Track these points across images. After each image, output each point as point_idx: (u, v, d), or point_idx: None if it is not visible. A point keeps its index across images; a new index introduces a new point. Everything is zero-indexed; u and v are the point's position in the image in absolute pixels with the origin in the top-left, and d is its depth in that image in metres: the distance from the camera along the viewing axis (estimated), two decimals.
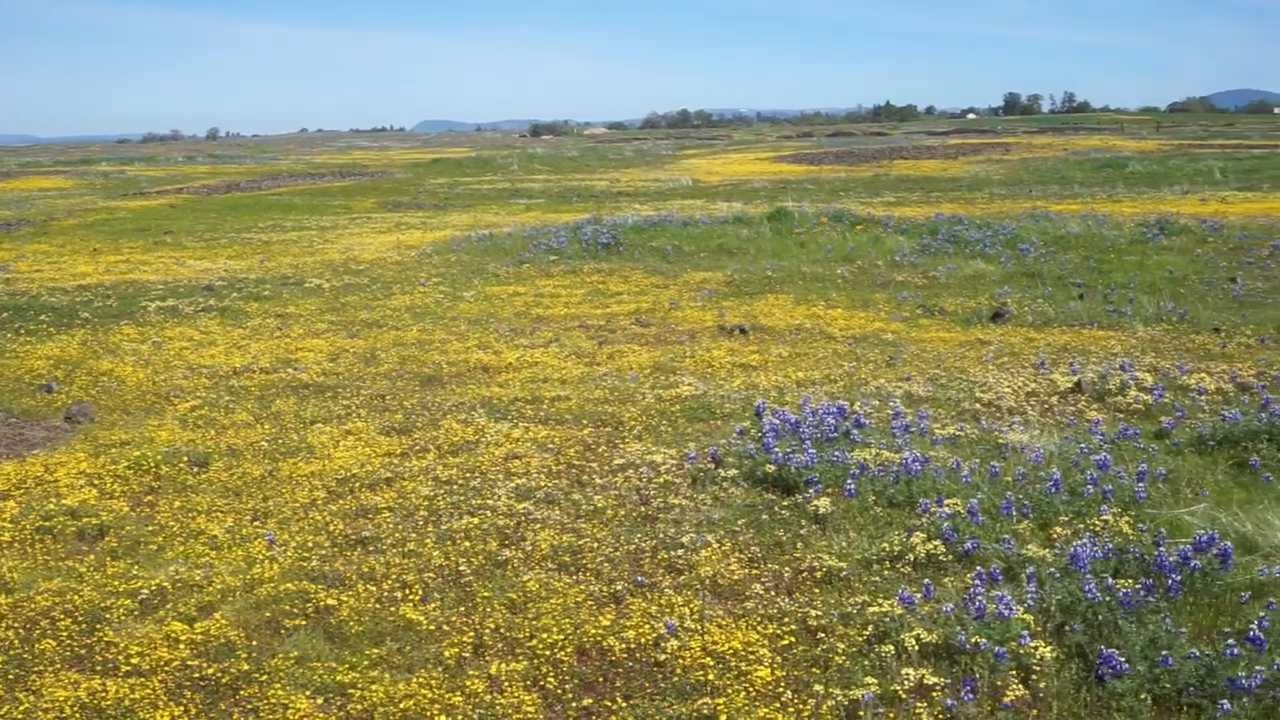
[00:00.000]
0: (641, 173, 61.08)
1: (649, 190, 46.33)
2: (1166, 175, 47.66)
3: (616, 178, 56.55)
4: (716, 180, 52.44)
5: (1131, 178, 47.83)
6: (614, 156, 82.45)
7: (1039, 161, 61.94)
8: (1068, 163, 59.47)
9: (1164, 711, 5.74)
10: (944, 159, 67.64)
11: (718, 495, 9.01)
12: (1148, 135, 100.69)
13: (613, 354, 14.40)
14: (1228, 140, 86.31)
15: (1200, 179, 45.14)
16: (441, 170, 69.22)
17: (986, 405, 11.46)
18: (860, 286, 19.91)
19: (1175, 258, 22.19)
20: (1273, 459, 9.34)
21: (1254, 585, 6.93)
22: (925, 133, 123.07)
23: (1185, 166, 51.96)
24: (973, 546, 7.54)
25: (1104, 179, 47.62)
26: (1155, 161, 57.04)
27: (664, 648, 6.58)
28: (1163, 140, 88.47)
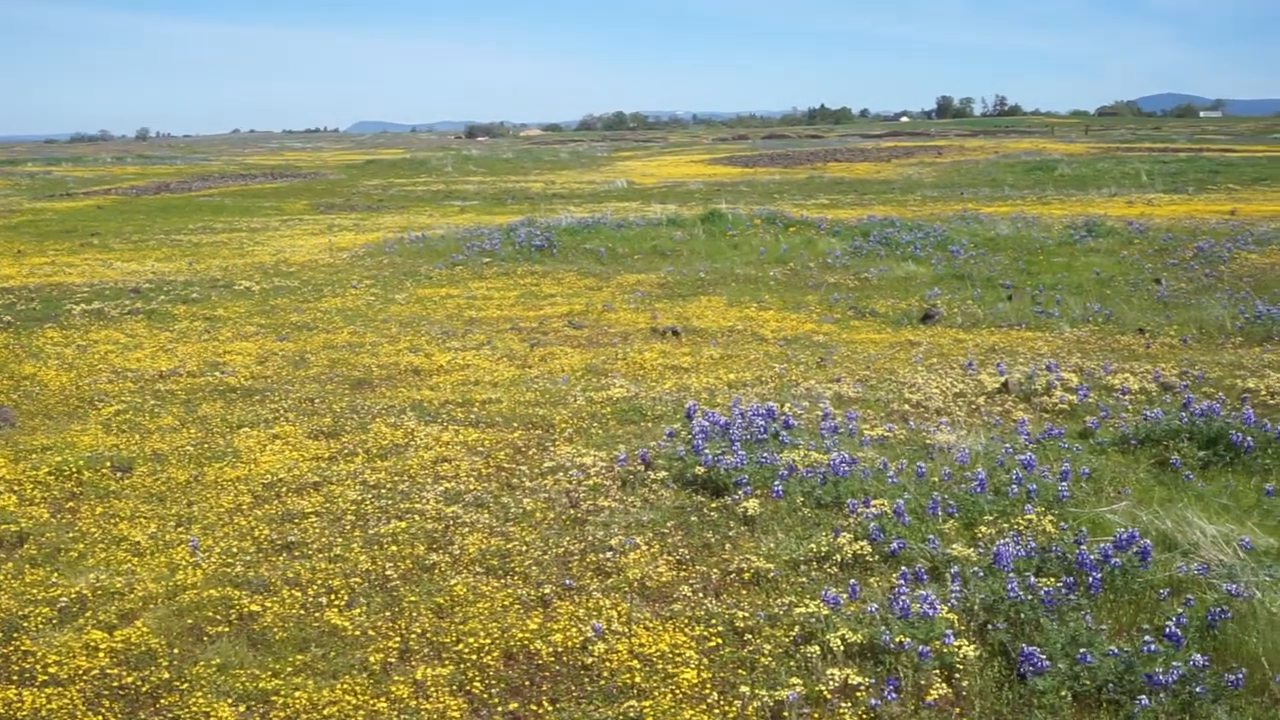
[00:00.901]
0: (577, 174, 61.07)
1: (584, 192, 46.31)
2: (1095, 178, 48.35)
3: (552, 179, 56.49)
4: (652, 182, 52.52)
5: (1061, 180, 48.47)
6: (549, 158, 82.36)
7: (971, 164, 62.58)
8: (999, 165, 60.14)
9: (1084, 708, 5.81)
10: (877, 161, 68.16)
11: (647, 497, 9.01)
12: (1077, 138, 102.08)
13: (545, 356, 14.37)
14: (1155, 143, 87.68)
15: (1128, 181, 45.85)
16: (375, 172, 68.79)
17: (915, 406, 11.55)
18: (793, 288, 20.01)
19: (1102, 259, 22.50)
20: (1193, 457, 9.49)
21: (1173, 582, 7.03)
22: (859, 135, 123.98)
23: (1113, 169, 52.73)
24: (899, 546, 7.59)
25: (1034, 181, 48.23)
26: (1084, 164, 57.80)
27: (591, 651, 6.57)
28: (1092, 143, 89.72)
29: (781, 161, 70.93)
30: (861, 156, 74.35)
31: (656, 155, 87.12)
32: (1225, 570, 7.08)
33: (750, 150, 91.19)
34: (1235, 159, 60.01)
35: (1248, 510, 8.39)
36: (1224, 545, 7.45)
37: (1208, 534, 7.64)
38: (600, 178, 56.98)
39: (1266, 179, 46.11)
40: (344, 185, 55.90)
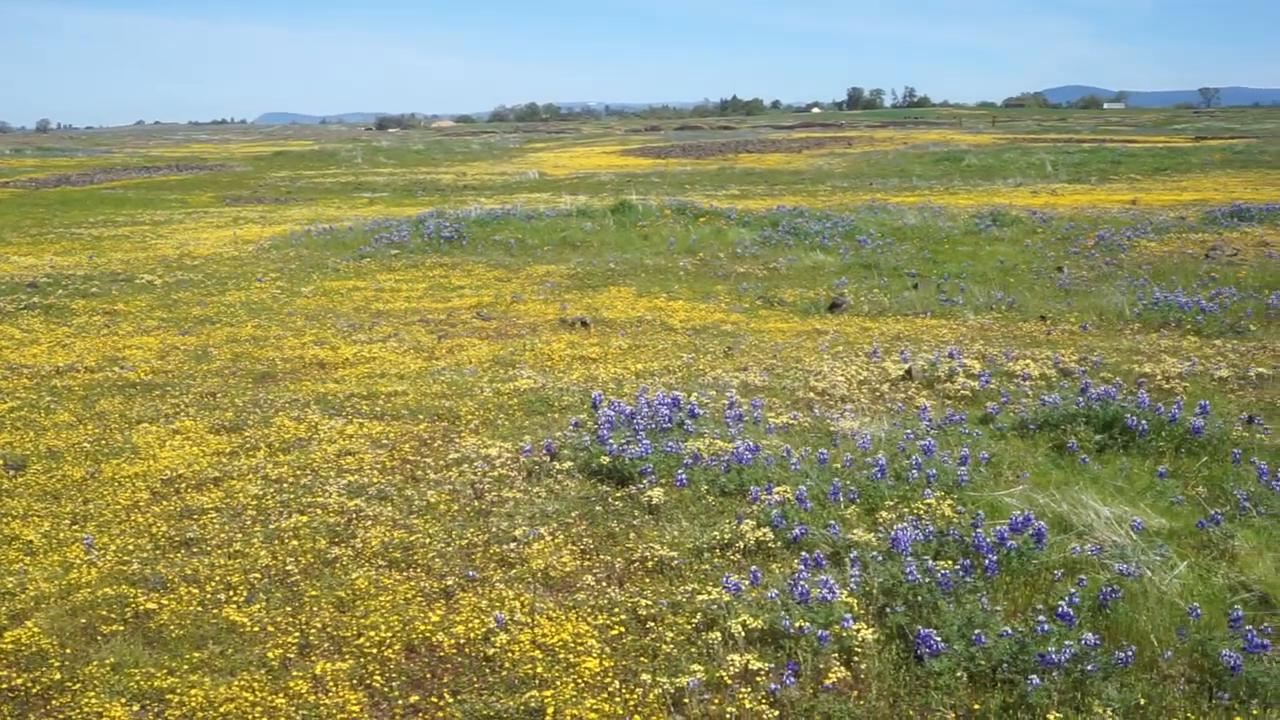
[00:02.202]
0: (488, 166, 60.77)
1: (495, 184, 46.10)
2: (1001, 168, 49.04)
3: (463, 171, 56.15)
4: (564, 173, 52.41)
5: (968, 171, 49.13)
6: (461, 150, 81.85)
7: (880, 155, 63.23)
8: (907, 156, 60.81)
9: (979, 688, 5.89)
10: (788, 152, 68.61)
11: (552, 488, 8.99)
12: (984, 129, 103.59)
13: (452, 348, 14.28)
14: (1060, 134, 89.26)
15: (1033, 172, 46.55)
16: (283, 164, 67.89)
17: (820, 394, 11.64)
18: (702, 278, 20.08)
19: (1006, 248, 22.85)
20: (1089, 441, 9.67)
21: (1067, 563, 7.16)
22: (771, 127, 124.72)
23: (1019, 160, 53.55)
24: (801, 533, 7.65)
25: (942, 172, 48.84)
26: (991, 155, 58.66)
27: (493, 642, 6.54)
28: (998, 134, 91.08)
29: (694, 153, 71.12)
30: (773, 147, 74.78)
31: (569, 147, 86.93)
32: (1118, 551, 7.22)
33: (663, 141, 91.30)
34: (1137, 150, 61.21)
35: (1141, 492, 8.56)
36: (1117, 526, 7.60)
37: (1102, 516, 7.78)
38: (512, 169, 56.75)
39: (1166, 169, 47.09)
40: (251, 177, 55.13)
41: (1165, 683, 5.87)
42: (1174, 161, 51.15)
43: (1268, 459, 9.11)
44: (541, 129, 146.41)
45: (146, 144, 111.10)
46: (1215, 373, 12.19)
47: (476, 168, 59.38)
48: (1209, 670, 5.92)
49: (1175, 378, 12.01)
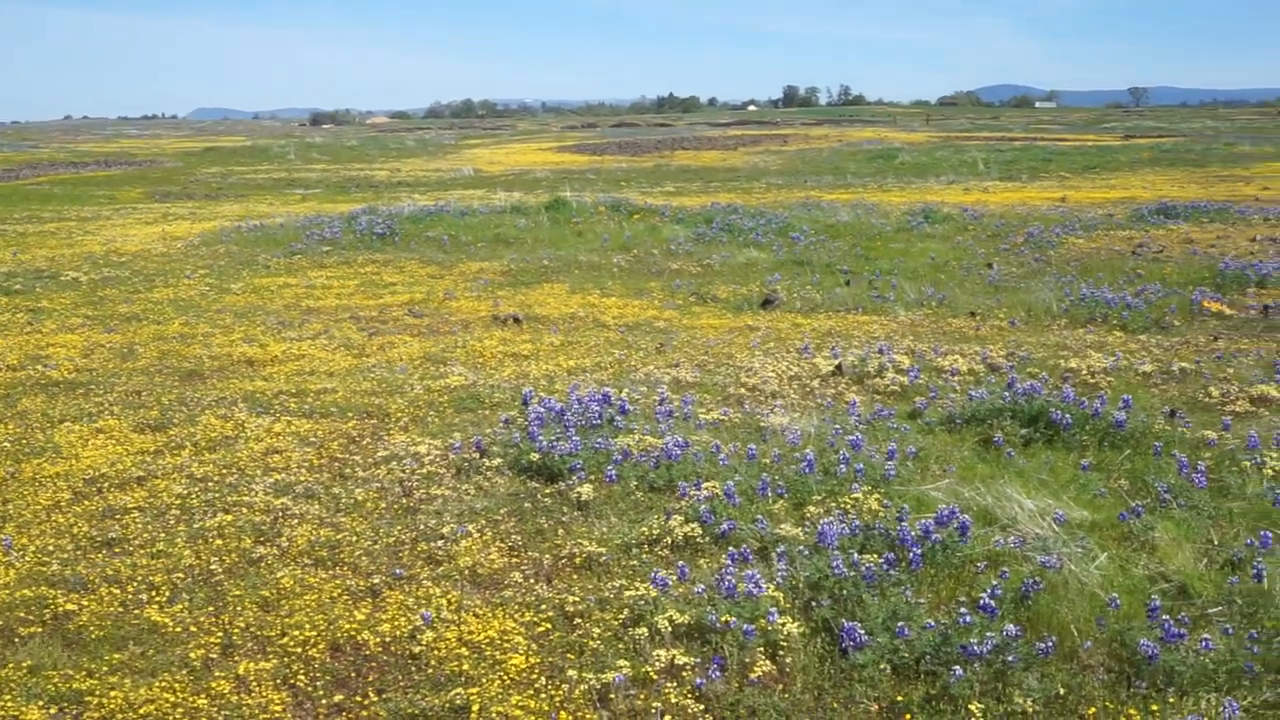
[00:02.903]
0: (423, 162, 60.47)
1: (430, 180, 45.87)
2: (934, 166, 49.56)
3: (397, 167, 55.83)
4: (499, 170, 52.28)
5: (901, 168, 49.60)
6: (395, 146, 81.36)
7: (815, 152, 63.63)
8: (842, 154, 61.26)
9: (903, 680, 5.94)
10: (724, 150, 68.86)
11: (481, 485, 8.95)
12: (918, 128, 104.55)
13: (383, 345, 14.18)
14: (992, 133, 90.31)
15: (965, 170, 47.09)
16: (215, 159, 67.18)
17: (751, 389, 11.68)
18: (636, 275, 20.09)
19: (938, 245, 23.10)
20: (1015, 435, 9.77)
21: (990, 556, 7.23)
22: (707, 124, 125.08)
23: (951, 158, 54.12)
24: (729, 528, 7.67)
25: (876, 169, 49.26)
26: (924, 153, 59.22)
27: (420, 639, 6.50)
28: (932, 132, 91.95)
29: (630, 149, 71.20)
30: (709, 144, 75.03)
31: (505, 143, 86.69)
32: (1040, 543, 7.31)
33: (599, 138, 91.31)
34: (1067, 148, 62.09)
35: (1065, 485, 8.67)
36: (1040, 519, 7.69)
37: (1026, 508, 7.87)
38: (447, 165, 56.51)
39: (1095, 167, 47.81)
40: (182, 173, 54.50)
41: (1085, 672, 5.95)
42: (1103, 160, 51.94)
43: (1188, 452, 9.27)
44: (478, 125, 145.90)
45: (74, 139, 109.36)
46: (1139, 367, 12.37)
47: (411, 164, 59.06)
48: (1127, 659, 6.00)
49: (1100, 372, 12.18)
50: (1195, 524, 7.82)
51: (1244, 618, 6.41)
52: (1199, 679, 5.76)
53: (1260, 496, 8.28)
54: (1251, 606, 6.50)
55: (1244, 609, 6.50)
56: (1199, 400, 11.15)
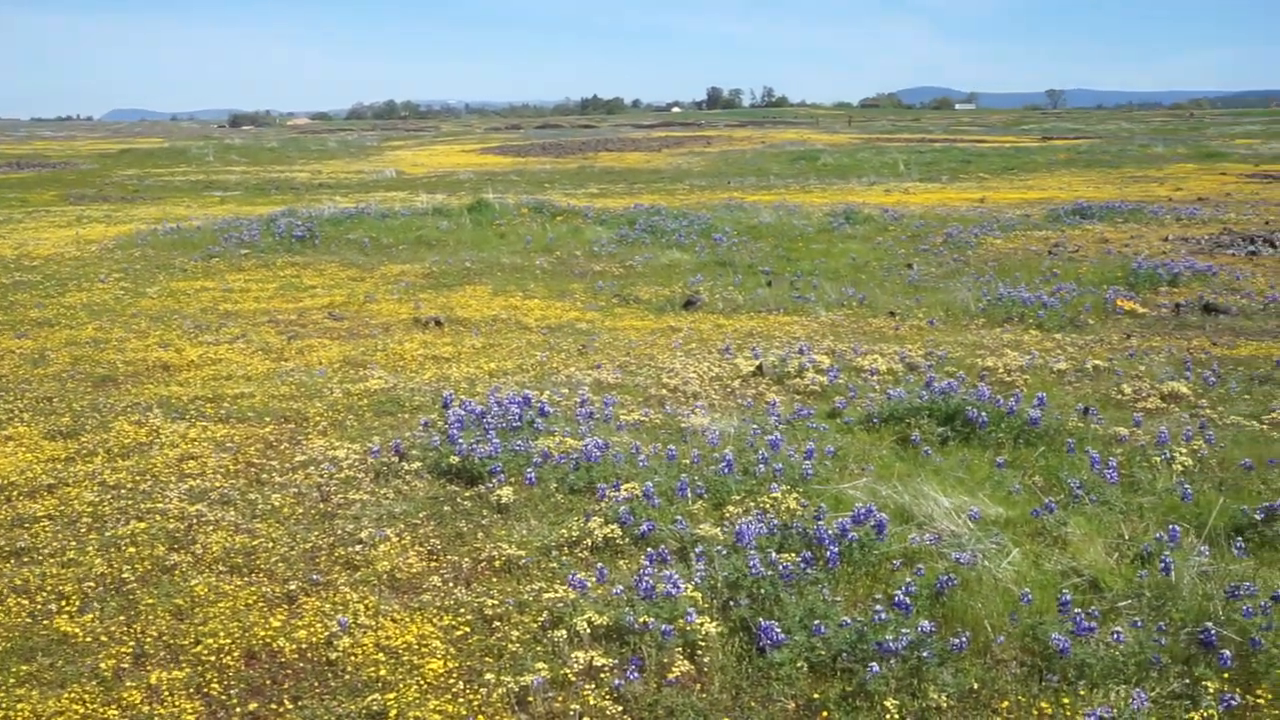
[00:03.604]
0: (345, 164, 59.95)
1: (352, 182, 45.49)
2: (855, 167, 49.96)
3: (318, 169, 55.29)
4: (422, 172, 51.96)
5: (824, 170, 49.95)
6: (316, 148, 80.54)
7: (738, 154, 63.89)
8: (765, 155, 61.56)
9: (819, 677, 5.97)
10: (648, 151, 68.95)
11: (400, 489, 8.89)
12: (840, 129, 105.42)
13: (302, 349, 14.03)
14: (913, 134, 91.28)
15: (886, 171, 47.53)
16: (131, 161, 66.06)
17: (672, 390, 11.70)
18: (559, 277, 20.06)
19: (859, 246, 23.29)
20: (932, 434, 9.88)
21: (906, 553, 7.30)
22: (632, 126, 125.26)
23: (873, 159, 54.60)
24: (648, 529, 7.68)
25: (798, 171, 49.56)
26: (846, 154, 59.69)
27: (336, 646, 6.44)
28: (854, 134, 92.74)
29: (553, 151, 71.09)
30: (633, 146, 75.10)
31: (428, 145, 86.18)
32: (955, 540, 7.39)
33: (523, 140, 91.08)
34: (986, 149, 62.88)
35: (980, 482, 8.77)
36: (956, 516, 7.78)
37: (942, 506, 7.96)
38: (369, 167, 56.06)
39: (1014, 168, 48.46)
40: (97, 175, 53.55)
41: (998, 667, 6.02)
42: (1021, 161, 52.67)
43: (1100, 448, 9.42)
44: (401, 127, 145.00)
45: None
46: (1054, 365, 12.56)
47: (332, 166, 58.52)
48: (1040, 653, 6.08)
49: (1017, 371, 12.35)
50: (1107, 519, 7.95)
51: (1153, 610, 6.53)
52: (1109, 671, 5.86)
53: (1169, 491, 8.44)
54: (1160, 599, 6.62)
55: (1153, 602, 6.62)
56: (1112, 397, 11.35)
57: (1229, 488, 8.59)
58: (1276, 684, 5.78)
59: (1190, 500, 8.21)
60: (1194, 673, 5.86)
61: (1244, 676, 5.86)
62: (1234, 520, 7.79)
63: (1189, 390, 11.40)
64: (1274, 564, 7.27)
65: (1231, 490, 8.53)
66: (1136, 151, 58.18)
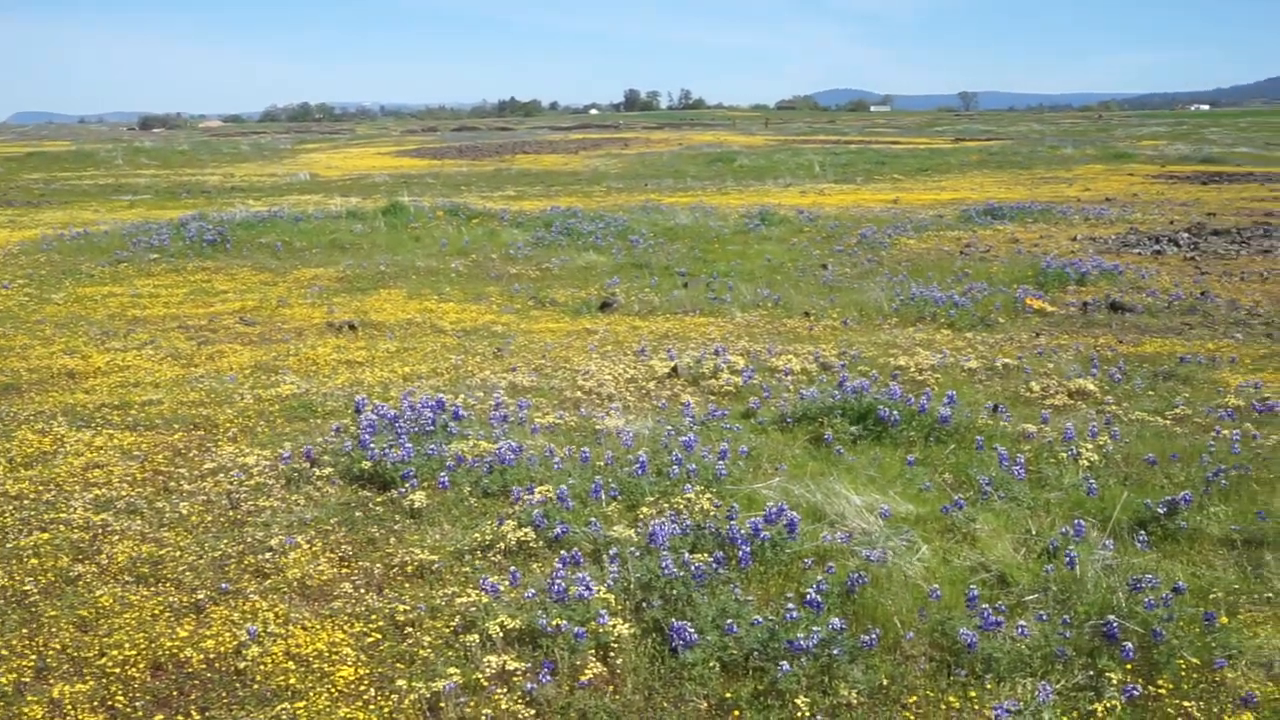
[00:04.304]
0: (258, 167, 59.20)
1: (265, 186, 44.92)
2: (772, 169, 50.25)
3: (231, 172, 54.54)
4: (337, 175, 51.46)
5: (740, 171, 50.18)
6: (229, 151, 79.46)
7: (655, 156, 64.00)
8: (682, 157, 61.75)
9: (731, 677, 6.00)
10: (566, 153, 68.86)
11: (311, 495, 8.79)
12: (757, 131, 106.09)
13: (213, 355, 13.83)
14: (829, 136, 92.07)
15: (802, 172, 47.85)
16: (37, 165, 64.60)
17: (587, 393, 11.70)
18: (474, 280, 19.96)
19: (774, 247, 23.43)
20: (845, 433, 9.96)
21: (818, 551, 7.36)
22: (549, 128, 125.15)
23: (789, 161, 54.95)
24: (562, 531, 7.66)
25: (715, 173, 49.75)
26: (762, 156, 60.05)
27: (245, 655, 6.35)
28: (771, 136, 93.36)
29: (470, 154, 70.77)
30: (550, 148, 74.97)
31: (343, 147, 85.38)
32: (866, 538, 7.47)
33: (439, 142, 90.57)
34: (900, 151, 63.59)
35: (891, 480, 8.87)
36: (867, 514, 7.85)
37: (854, 504, 8.03)
38: (283, 170, 55.42)
39: (927, 169, 49.03)
40: (1, 179, 52.36)
41: (908, 662, 6.09)
42: (934, 162, 53.29)
43: (1009, 445, 9.57)
44: (315, 130, 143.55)
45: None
46: (965, 364, 12.72)
47: (245, 169, 57.77)
48: (948, 648, 6.16)
49: (928, 369, 12.50)
50: (1014, 515, 8.07)
51: (1058, 604, 6.64)
52: (1015, 664, 5.95)
53: (1075, 487, 8.59)
54: (1065, 593, 6.73)
55: (1058, 595, 6.73)
56: (1021, 395, 11.52)
57: (1133, 482, 8.77)
58: (1177, 674, 5.90)
59: (1095, 495, 8.37)
60: (1098, 665, 5.96)
61: (1146, 667, 5.98)
62: (1138, 514, 7.95)
63: (1095, 387, 11.61)
64: (1176, 556, 7.44)
65: (1135, 485, 8.71)
66: (1046, 153, 59.13)
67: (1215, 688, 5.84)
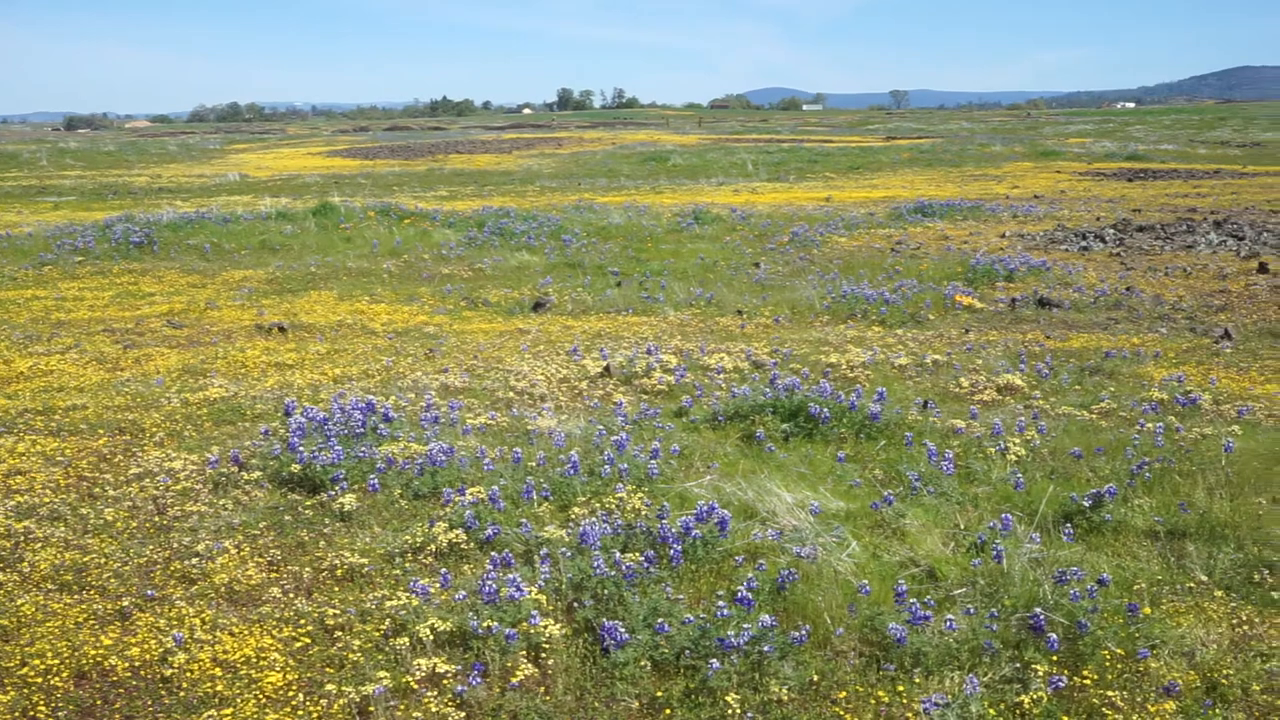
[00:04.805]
0: (186, 168, 58.49)
1: (193, 186, 44.38)
2: (705, 168, 50.42)
3: (159, 173, 53.83)
4: (267, 175, 50.94)
5: (674, 170, 50.30)
6: (157, 151, 78.43)
7: (589, 155, 63.98)
8: (616, 156, 61.77)
9: (663, 676, 6.00)
10: (499, 153, 68.66)
11: (240, 499, 8.69)
12: (691, 130, 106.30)
13: (139, 358, 13.63)
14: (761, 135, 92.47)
15: (735, 171, 48.06)
16: None
17: (519, 393, 11.66)
18: (406, 280, 19.85)
19: (707, 245, 23.50)
20: (776, 430, 10.00)
21: (749, 549, 7.39)
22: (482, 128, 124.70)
23: (722, 159, 55.17)
24: (494, 533, 7.63)
25: (649, 172, 49.82)
26: (695, 155, 60.21)
27: (171, 662, 6.26)
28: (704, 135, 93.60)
29: (402, 154, 70.33)
30: (483, 148, 74.70)
31: (273, 148, 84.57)
32: (797, 534, 7.50)
33: (371, 142, 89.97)
34: (832, 149, 63.99)
35: (822, 477, 8.92)
36: (798, 511, 7.89)
37: (785, 501, 8.07)
38: (212, 171, 54.79)
39: (859, 167, 49.42)
40: None
41: (837, 658, 6.13)
42: (866, 160, 53.74)
43: (938, 440, 9.66)
44: (245, 130, 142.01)
45: None
46: (895, 361, 12.82)
47: (173, 170, 57.05)
48: (877, 643, 6.20)
49: (859, 366, 12.58)
50: (944, 510, 8.14)
51: (986, 598, 6.71)
52: (943, 658, 6.00)
53: (1003, 481, 8.69)
54: (993, 586, 6.81)
55: (986, 589, 6.80)
56: (950, 391, 11.63)
57: (1059, 476, 8.88)
58: (1102, 665, 5.99)
59: (1023, 489, 8.47)
60: (1024, 657, 6.04)
61: (1071, 658, 6.06)
62: (1064, 507, 8.06)
63: (1023, 382, 11.74)
64: (1101, 549, 7.54)
65: (1061, 478, 8.82)
66: (976, 150, 59.81)
67: (1139, 677, 5.93)
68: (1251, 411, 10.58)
